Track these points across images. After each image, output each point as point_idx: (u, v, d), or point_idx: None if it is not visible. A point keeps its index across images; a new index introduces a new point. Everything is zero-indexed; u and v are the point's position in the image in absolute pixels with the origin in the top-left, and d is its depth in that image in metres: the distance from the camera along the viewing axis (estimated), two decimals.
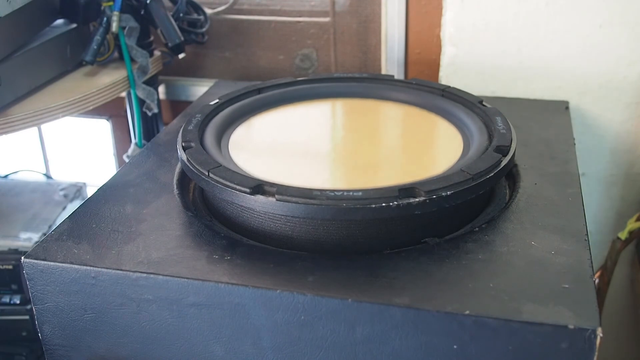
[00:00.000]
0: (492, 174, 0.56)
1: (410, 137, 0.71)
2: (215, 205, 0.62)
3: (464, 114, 0.69)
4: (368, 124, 0.73)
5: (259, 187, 0.54)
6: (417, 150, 0.67)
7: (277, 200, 0.53)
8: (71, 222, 0.60)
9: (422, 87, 0.75)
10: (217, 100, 0.73)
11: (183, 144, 0.63)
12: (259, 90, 0.77)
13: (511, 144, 0.61)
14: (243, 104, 0.74)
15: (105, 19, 0.92)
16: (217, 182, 0.56)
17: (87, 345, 0.56)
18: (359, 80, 0.79)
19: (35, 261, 0.54)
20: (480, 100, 0.70)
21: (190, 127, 0.66)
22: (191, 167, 0.59)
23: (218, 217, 0.62)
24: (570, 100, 0.91)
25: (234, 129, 0.71)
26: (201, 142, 0.64)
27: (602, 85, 0.91)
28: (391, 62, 1.03)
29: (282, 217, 0.55)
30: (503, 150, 0.59)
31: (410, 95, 0.75)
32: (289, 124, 0.73)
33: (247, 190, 0.54)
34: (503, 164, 0.58)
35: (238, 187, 0.55)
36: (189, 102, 1.08)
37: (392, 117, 0.75)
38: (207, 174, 0.57)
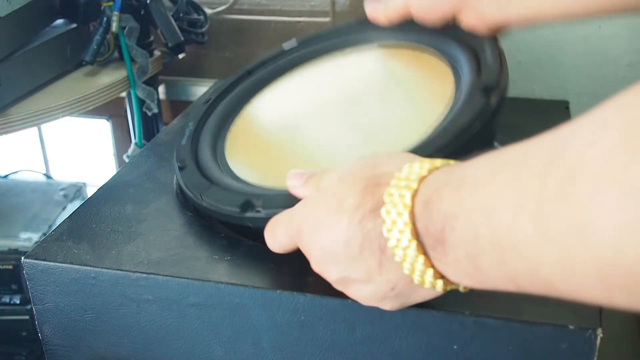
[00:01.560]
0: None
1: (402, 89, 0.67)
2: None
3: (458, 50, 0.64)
4: (364, 78, 0.70)
5: (247, 203, 0.54)
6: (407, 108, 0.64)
7: (265, 216, 0.52)
8: (71, 222, 0.60)
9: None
10: (209, 99, 0.72)
11: (178, 164, 0.63)
12: (249, 73, 0.75)
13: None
14: (236, 93, 0.73)
15: (105, 19, 0.92)
16: (209, 205, 0.57)
17: (87, 345, 0.56)
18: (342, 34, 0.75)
19: (35, 261, 0.54)
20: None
21: (184, 142, 0.66)
22: (187, 191, 0.60)
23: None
24: (569, 100, 0.91)
25: (231, 124, 0.70)
26: (196, 154, 0.64)
27: (602, 86, 0.91)
28: None
29: None
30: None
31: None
32: (283, 102, 0.71)
33: (237, 210, 0.54)
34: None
35: (228, 208, 0.55)
36: (189, 102, 1.08)
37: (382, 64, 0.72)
38: (200, 197, 0.58)
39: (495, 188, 0.33)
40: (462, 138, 0.52)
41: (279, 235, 0.49)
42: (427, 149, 0.51)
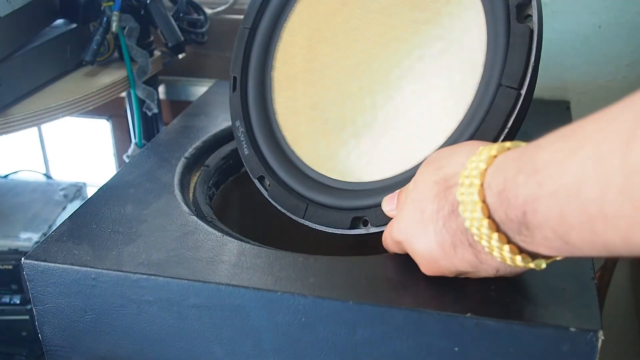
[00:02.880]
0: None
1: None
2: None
3: None
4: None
5: (355, 221, 0.59)
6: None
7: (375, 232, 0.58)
8: (71, 223, 0.59)
9: None
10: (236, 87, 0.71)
11: (259, 181, 0.66)
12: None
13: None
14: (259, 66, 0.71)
15: (105, 19, 0.92)
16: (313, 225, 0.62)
17: (87, 346, 0.56)
18: None
19: (36, 262, 0.54)
20: None
21: (247, 152, 0.67)
22: (285, 212, 0.64)
23: (220, 217, 0.62)
24: (570, 100, 0.91)
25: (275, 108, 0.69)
26: (265, 161, 0.67)
27: (602, 86, 0.91)
28: None
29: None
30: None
31: None
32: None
33: (346, 229, 0.59)
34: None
35: (336, 230, 0.61)
36: (189, 102, 1.07)
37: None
38: (302, 218, 0.63)
39: (576, 167, 0.34)
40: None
41: (390, 247, 0.53)
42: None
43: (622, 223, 0.32)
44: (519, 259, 0.42)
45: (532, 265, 0.42)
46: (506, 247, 0.41)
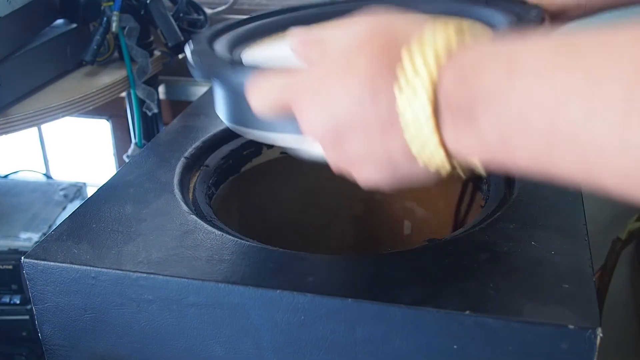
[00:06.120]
0: None
1: None
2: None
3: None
4: None
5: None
6: None
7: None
8: (71, 222, 0.60)
9: None
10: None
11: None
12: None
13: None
14: None
15: (105, 19, 0.92)
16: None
17: (87, 345, 0.56)
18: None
19: (35, 261, 0.54)
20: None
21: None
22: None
23: (219, 216, 0.62)
24: None
25: None
26: None
27: None
28: None
29: None
30: None
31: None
32: None
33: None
34: None
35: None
36: (189, 102, 1.07)
37: None
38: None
39: (565, 83, 0.30)
40: None
41: (270, 92, 0.42)
42: None
43: (593, 157, 0.29)
44: (440, 155, 0.36)
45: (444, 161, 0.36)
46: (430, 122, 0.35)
